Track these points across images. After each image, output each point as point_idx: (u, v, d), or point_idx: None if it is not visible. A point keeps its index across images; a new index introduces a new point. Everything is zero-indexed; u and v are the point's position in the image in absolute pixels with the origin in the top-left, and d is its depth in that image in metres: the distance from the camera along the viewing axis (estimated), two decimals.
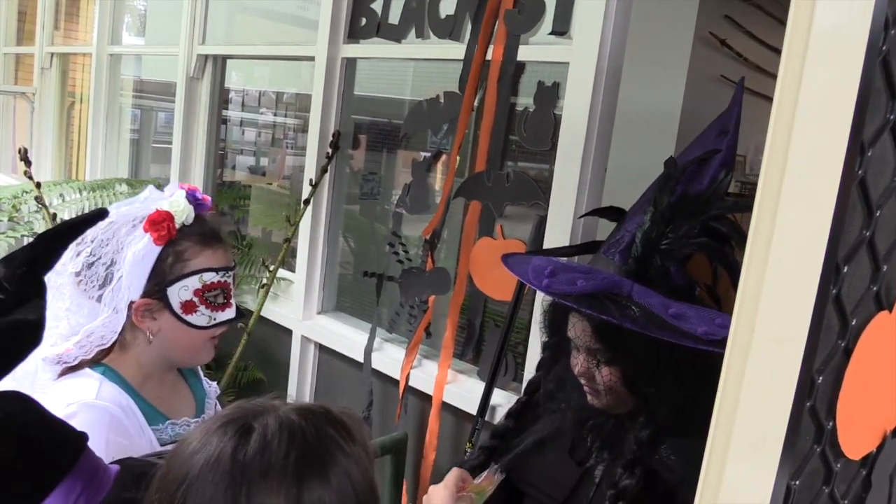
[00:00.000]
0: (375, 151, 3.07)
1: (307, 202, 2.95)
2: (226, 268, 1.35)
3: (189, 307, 1.30)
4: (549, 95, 2.20)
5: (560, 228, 2.08)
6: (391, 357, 2.67)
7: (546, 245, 2.10)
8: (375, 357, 2.69)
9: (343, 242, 3.17)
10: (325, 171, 2.93)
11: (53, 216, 3.18)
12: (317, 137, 2.94)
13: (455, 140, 2.39)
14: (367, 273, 2.85)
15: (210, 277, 1.31)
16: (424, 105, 2.55)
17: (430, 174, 2.61)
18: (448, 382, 2.40)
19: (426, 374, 2.50)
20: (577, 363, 1.38)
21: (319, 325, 3.04)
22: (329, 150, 2.91)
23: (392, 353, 2.69)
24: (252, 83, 3.90)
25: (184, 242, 1.30)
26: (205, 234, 1.33)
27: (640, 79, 1.96)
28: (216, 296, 1.32)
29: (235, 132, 3.98)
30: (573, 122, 2.08)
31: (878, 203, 0.63)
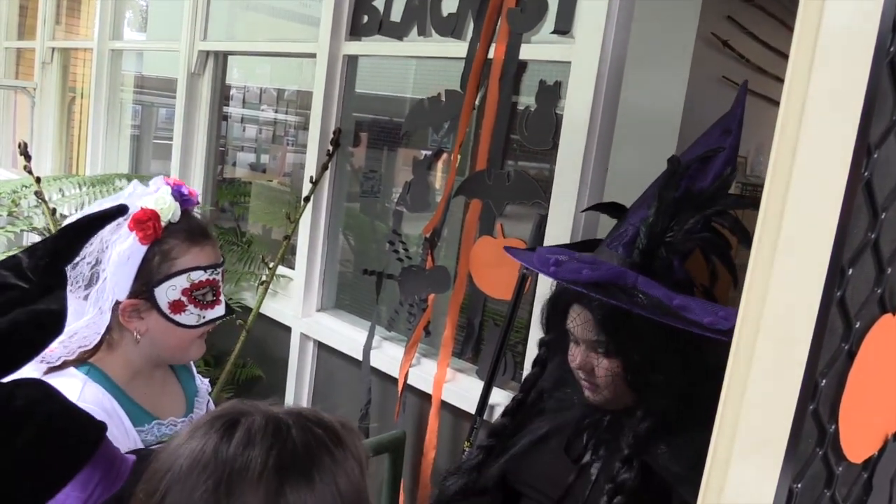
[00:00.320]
0: (376, 149, 3.07)
1: (307, 199, 2.95)
2: (214, 265, 1.32)
3: (177, 307, 1.27)
4: (551, 94, 2.20)
5: (560, 227, 2.07)
6: (390, 355, 2.66)
7: (546, 244, 2.10)
8: (374, 355, 2.68)
9: (343, 240, 3.16)
10: (326, 169, 2.92)
11: (53, 211, 3.18)
12: (318, 135, 2.94)
13: (456, 138, 2.38)
14: (367, 271, 2.85)
15: (198, 276, 1.28)
16: (426, 103, 2.54)
17: (431, 172, 2.61)
18: (447, 381, 2.40)
19: (425, 373, 2.49)
20: (577, 357, 1.39)
21: (318, 323, 3.03)
22: (330, 148, 2.90)
23: (391, 352, 2.69)
24: (253, 80, 3.89)
25: (170, 241, 1.27)
26: (192, 231, 1.30)
27: (642, 79, 1.95)
28: (205, 294, 1.29)
29: (236, 129, 3.97)
30: (574, 122, 2.08)
31: (884, 205, 0.63)
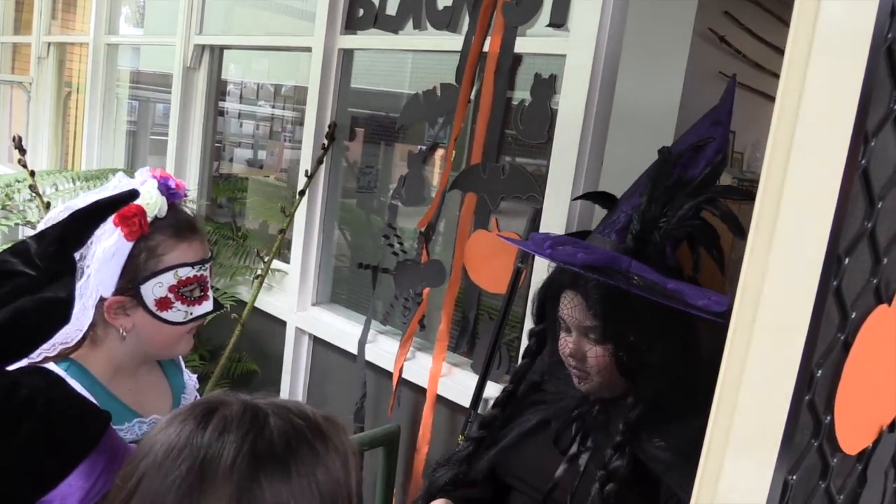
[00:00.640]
0: (373, 144, 3.06)
1: (302, 193, 2.94)
2: (202, 261, 1.28)
3: (164, 304, 1.24)
4: (546, 88, 2.19)
5: (555, 221, 2.07)
6: (385, 349, 2.66)
7: None
8: (369, 349, 2.68)
9: (339, 235, 3.16)
10: (321, 163, 2.92)
11: (47, 205, 3.16)
12: (313, 128, 2.93)
13: (451, 132, 2.38)
14: (362, 265, 2.84)
15: (186, 272, 1.25)
16: (421, 97, 2.54)
17: (426, 166, 2.60)
18: (442, 375, 2.40)
19: (420, 367, 2.49)
20: (568, 344, 1.40)
21: (314, 317, 3.03)
22: (325, 142, 2.90)
23: (386, 346, 2.69)
24: (250, 76, 3.88)
25: (157, 237, 1.22)
26: (179, 227, 1.26)
27: (638, 73, 1.95)
28: (192, 290, 1.26)
29: (234, 125, 3.96)
30: (569, 115, 2.07)
31: (881, 194, 0.62)
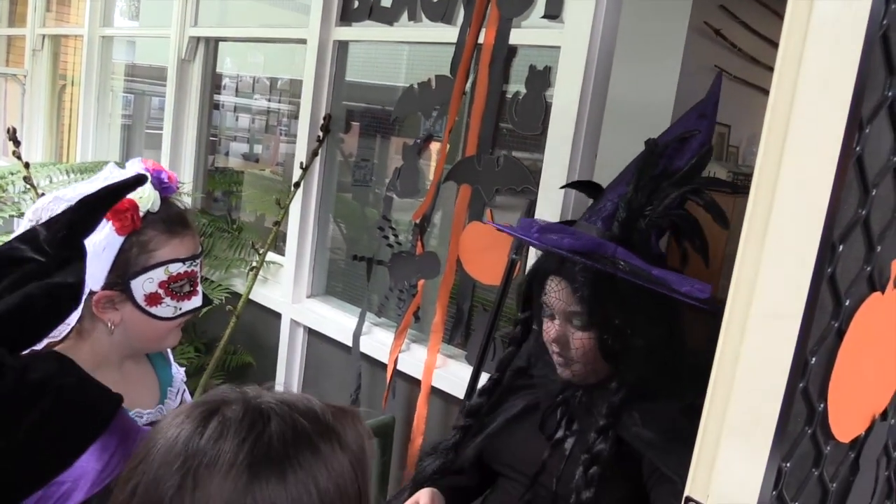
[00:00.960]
0: (368, 138, 3.06)
1: (297, 185, 2.94)
2: (193, 256, 1.27)
3: (153, 299, 1.22)
4: (541, 79, 2.19)
5: (549, 213, 2.07)
6: (380, 341, 2.66)
7: None
8: (364, 341, 2.68)
9: (334, 227, 3.15)
10: (316, 155, 2.91)
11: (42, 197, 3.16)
12: (308, 121, 2.92)
13: (446, 124, 2.38)
14: (357, 257, 2.84)
15: (176, 268, 1.24)
16: (416, 89, 2.54)
17: (421, 158, 2.60)
18: (437, 367, 2.40)
19: (415, 359, 2.49)
20: (551, 330, 1.41)
21: (308, 309, 3.03)
22: (320, 134, 2.89)
23: (381, 337, 2.69)
24: (246, 69, 3.87)
25: (148, 232, 1.21)
26: (171, 221, 1.25)
27: (633, 66, 1.95)
28: (182, 286, 1.25)
29: (229, 118, 3.95)
30: (564, 107, 2.08)
31: (875, 182, 0.62)
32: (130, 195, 1.17)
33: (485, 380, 2.14)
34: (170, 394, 1.41)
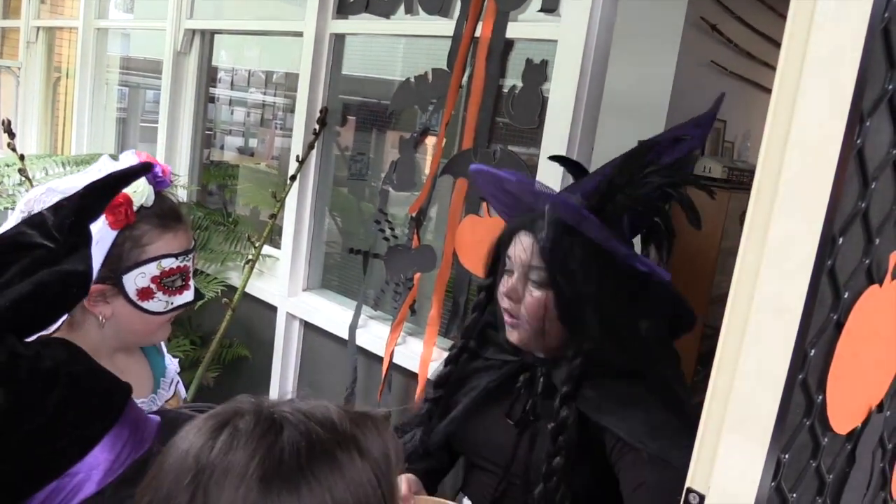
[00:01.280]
0: (364, 132, 3.05)
1: (293, 178, 2.94)
2: (185, 251, 1.27)
3: (145, 294, 1.22)
4: (537, 73, 2.19)
5: None
6: (376, 334, 2.66)
7: None
8: (360, 334, 2.68)
9: (330, 221, 3.15)
10: (312, 148, 2.91)
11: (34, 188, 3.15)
12: (304, 114, 2.92)
13: (442, 118, 2.38)
14: (353, 250, 2.84)
15: (169, 263, 1.24)
16: (413, 82, 2.53)
17: (418, 152, 2.60)
18: (433, 360, 2.40)
19: (411, 352, 2.50)
20: (506, 284, 1.41)
21: (304, 302, 3.03)
22: (316, 127, 2.89)
23: (377, 331, 2.69)
24: (241, 62, 3.86)
25: (142, 226, 1.21)
26: (164, 216, 1.24)
27: (629, 61, 1.95)
28: (174, 280, 1.25)
29: (224, 112, 3.95)
30: (561, 101, 2.08)
31: (874, 175, 0.63)
32: (125, 189, 1.17)
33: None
34: (163, 384, 1.41)
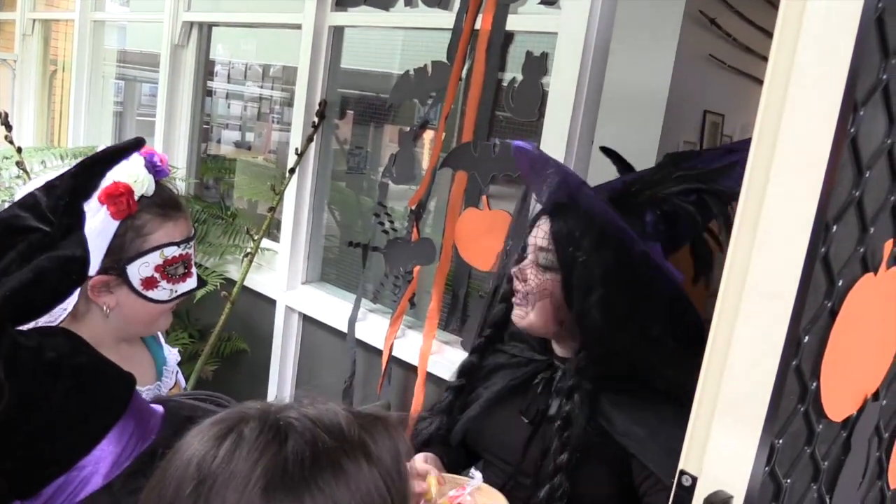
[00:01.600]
0: (362, 126, 3.06)
1: (292, 171, 2.94)
2: (187, 239, 1.28)
3: (149, 283, 1.23)
4: (538, 66, 2.19)
5: None
6: (375, 327, 2.67)
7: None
8: (359, 327, 2.69)
9: (328, 215, 3.16)
10: (311, 141, 2.91)
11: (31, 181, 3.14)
12: (303, 106, 2.92)
13: (442, 110, 2.38)
14: (352, 243, 2.85)
15: (171, 252, 1.25)
16: (412, 75, 2.53)
17: (417, 145, 2.60)
18: (433, 353, 2.41)
19: (410, 345, 2.50)
20: (518, 264, 1.40)
21: (303, 296, 3.03)
22: (315, 120, 2.89)
23: (376, 324, 2.70)
24: (238, 56, 3.85)
25: (143, 216, 1.21)
26: (165, 205, 1.25)
27: (629, 53, 1.95)
28: (177, 268, 1.26)
29: (221, 105, 3.94)
30: (561, 94, 2.08)
31: (869, 164, 0.63)
32: (125, 179, 1.18)
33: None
34: (165, 373, 1.42)
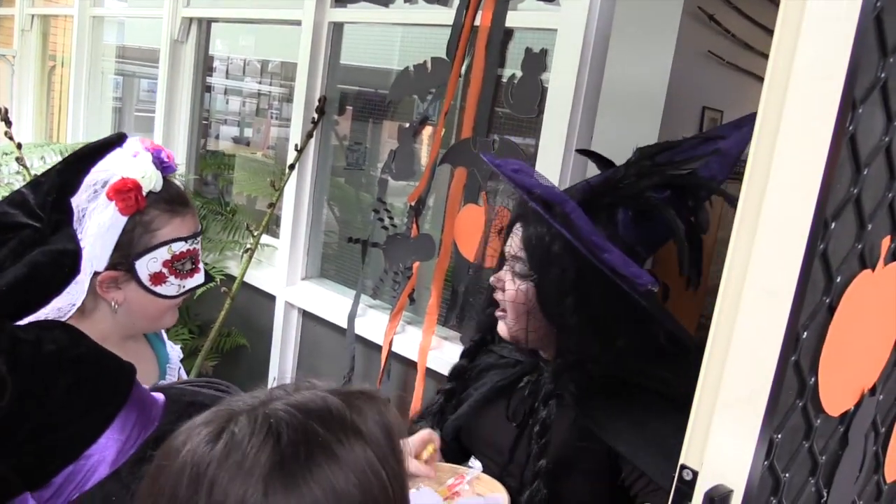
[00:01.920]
0: (361, 122, 3.06)
1: (292, 167, 2.95)
2: (194, 234, 1.29)
3: (158, 278, 1.24)
4: (537, 62, 2.20)
5: None
6: (375, 323, 2.68)
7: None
8: (359, 323, 2.69)
9: (328, 211, 3.16)
10: (311, 137, 2.91)
11: (35, 177, 3.15)
12: (302, 102, 2.93)
13: (442, 107, 2.38)
14: (352, 239, 2.85)
15: (179, 247, 1.26)
16: (411, 71, 2.54)
17: (417, 141, 2.61)
18: (432, 348, 2.41)
19: (410, 341, 2.51)
20: (498, 274, 1.40)
21: (303, 291, 3.04)
22: (315, 116, 2.89)
23: (376, 320, 2.70)
24: (237, 51, 3.85)
25: (151, 211, 1.22)
26: (172, 201, 1.26)
27: (628, 50, 1.96)
28: (184, 264, 1.27)
29: (219, 101, 3.94)
30: (560, 90, 2.09)
31: (867, 161, 0.64)
32: (133, 175, 1.19)
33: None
34: (169, 370, 1.43)
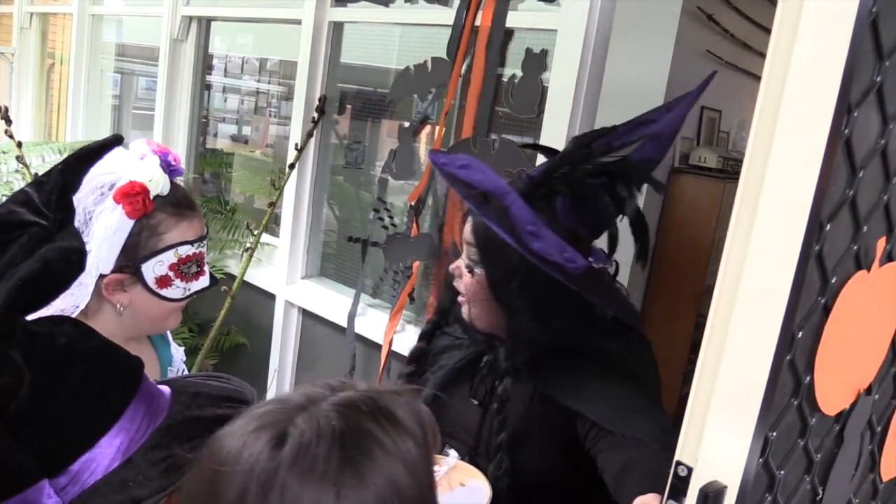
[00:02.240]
0: (361, 120, 3.06)
1: (292, 166, 2.95)
2: (200, 238, 1.30)
3: (164, 281, 1.25)
4: (537, 62, 2.20)
5: None
6: (375, 322, 2.68)
7: None
8: (359, 322, 2.70)
9: (328, 210, 3.17)
10: (311, 136, 2.92)
11: (35, 176, 3.16)
12: (303, 102, 2.93)
13: (441, 108, 2.39)
14: (352, 238, 2.86)
15: (186, 251, 1.26)
16: (411, 70, 2.54)
17: (417, 140, 2.61)
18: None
19: (410, 340, 2.51)
20: (457, 262, 1.43)
21: (303, 290, 3.05)
22: (315, 115, 2.90)
23: (375, 318, 2.71)
24: (235, 50, 3.86)
25: (158, 215, 1.23)
26: (179, 204, 1.27)
27: (628, 50, 1.96)
28: (190, 267, 1.28)
29: (218, 99, 3.94)
30: (560, 90, 2.09)
31: (862, 164, 0.65)
32: (140, 179, 1.20)
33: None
34: (170, 372, 1.44)
